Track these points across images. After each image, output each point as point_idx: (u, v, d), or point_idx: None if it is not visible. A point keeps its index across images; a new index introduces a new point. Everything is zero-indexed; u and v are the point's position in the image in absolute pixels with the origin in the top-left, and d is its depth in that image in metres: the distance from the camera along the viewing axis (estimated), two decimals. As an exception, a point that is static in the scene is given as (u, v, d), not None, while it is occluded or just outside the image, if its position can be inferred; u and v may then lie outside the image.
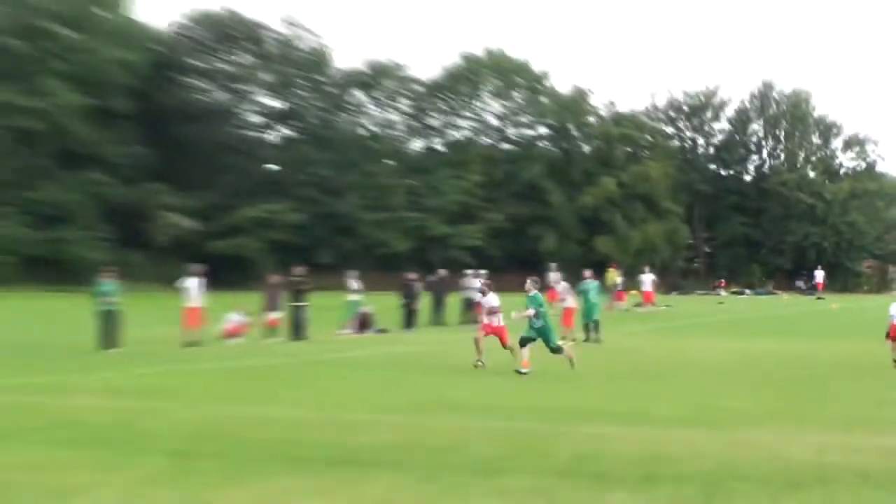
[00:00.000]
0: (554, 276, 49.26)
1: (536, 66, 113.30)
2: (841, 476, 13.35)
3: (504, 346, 28.64)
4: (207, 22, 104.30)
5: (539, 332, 27.86)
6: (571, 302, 40.58)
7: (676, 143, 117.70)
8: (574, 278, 47.15)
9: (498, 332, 29.14)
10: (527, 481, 12.97)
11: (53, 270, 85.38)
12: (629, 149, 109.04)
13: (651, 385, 24.77)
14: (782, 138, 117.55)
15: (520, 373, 26.40)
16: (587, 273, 43.43)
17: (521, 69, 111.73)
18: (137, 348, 33.62)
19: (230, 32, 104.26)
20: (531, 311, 27.62)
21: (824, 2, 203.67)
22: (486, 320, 29.71)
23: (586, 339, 39.10)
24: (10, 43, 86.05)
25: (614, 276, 64.65)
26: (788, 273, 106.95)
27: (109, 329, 34.30)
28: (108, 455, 14.52)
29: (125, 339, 34.55)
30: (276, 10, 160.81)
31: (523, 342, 27.52)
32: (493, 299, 29.88)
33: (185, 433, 16.60)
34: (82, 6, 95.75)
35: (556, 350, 28.09)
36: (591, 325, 40.12)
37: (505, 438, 16.36)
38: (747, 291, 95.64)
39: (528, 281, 28.26)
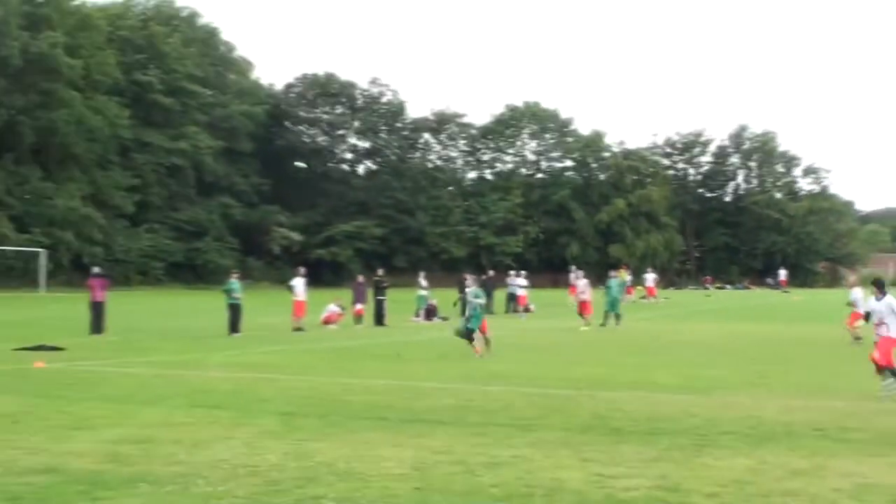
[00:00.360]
0: (573, 275, 48.72)
1: (564, 114, 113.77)
2: (803, 431, 13.18)
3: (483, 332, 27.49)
4: (311, 82, 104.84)
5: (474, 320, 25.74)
6: (588, 296, 39.71)
7: (672, 172, 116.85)
8: (594, 278, 46.95)
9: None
10: (557, 434, 12.87)
11: (192, 273, 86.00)
12: (636, 177, 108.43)
13: (653, 359, 24.58)
14: (754, 168, 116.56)
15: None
16: (612, 273, 43.20)
17: (552, 116, 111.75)
18: (255, 333, 33.64)
19: (329, 90, 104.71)
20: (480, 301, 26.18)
21: (791, 58, 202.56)
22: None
23: (602, 324, 38.76)
24: (162, 100, 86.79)
25: (624, 275, 64.37)
26: (759, 272, 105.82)
27: (234, 318, 34.33)
28: (233, 415, 14.51)
29: (246, 325, 34.58)
30: (365, 72, 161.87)
31: (468, 335, 25.45)
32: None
33: (292, 398, 16.56)
34: (217, 72, 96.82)
35: (469, 333, 25.57)
36: (611, 314, 39.76)
37: (540, 401, 16.25)
38: (728, 287, 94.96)
39: (469, 278, 27.08)
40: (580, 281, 40.05)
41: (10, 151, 76.34)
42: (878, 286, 18.52)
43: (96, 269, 36.02)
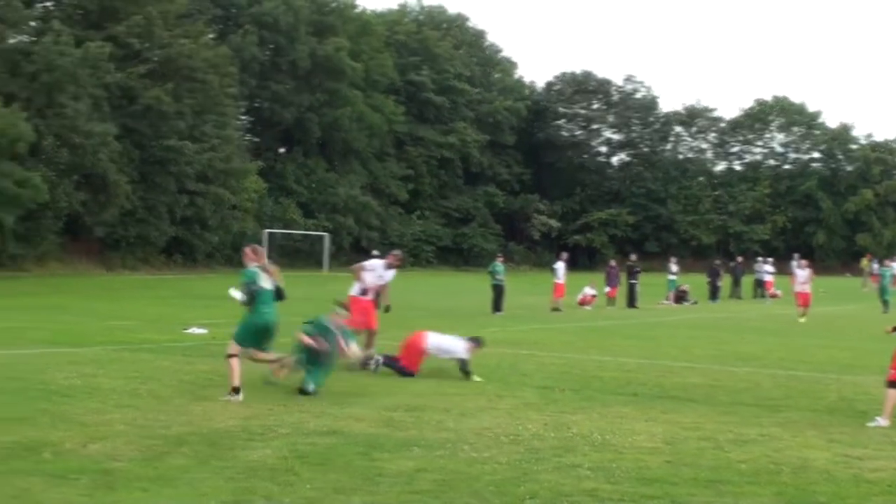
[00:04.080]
0: (795, 263, 46.20)
1: (811, 107, 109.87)
2: None
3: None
4: (569, 80, 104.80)
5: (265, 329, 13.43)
6: (808, 287, 35.33)
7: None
8: (839, 265, 45.12)
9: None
10: (804, 416, 12.53)
11: (459, 256, 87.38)
12: (883, 168, 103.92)
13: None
14: None
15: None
16: (886, 262, 41.65)
17: (800, 110, 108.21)
18: (516, 312, 33.89)
19: (586, 87, 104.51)
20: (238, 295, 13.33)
21: None
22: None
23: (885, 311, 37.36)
24: (434, 98, 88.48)
25: (868, 263, 61.92)
26: None
27: (498, 298, 34.66)
28: (496, 387, 14.68)
29: (508, 305, 34.88)
30: (619, 69, 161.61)
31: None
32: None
33: (549, 373, 16.61)
34: (484, 71, 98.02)
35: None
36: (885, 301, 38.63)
37: (786, 383, 15.82)
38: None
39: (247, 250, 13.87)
40: (802, 271, 37.20)
41: (298, 145, 79.42)
42: None
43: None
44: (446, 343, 16.18)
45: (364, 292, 17.64)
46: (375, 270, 17.87)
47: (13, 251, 51.86)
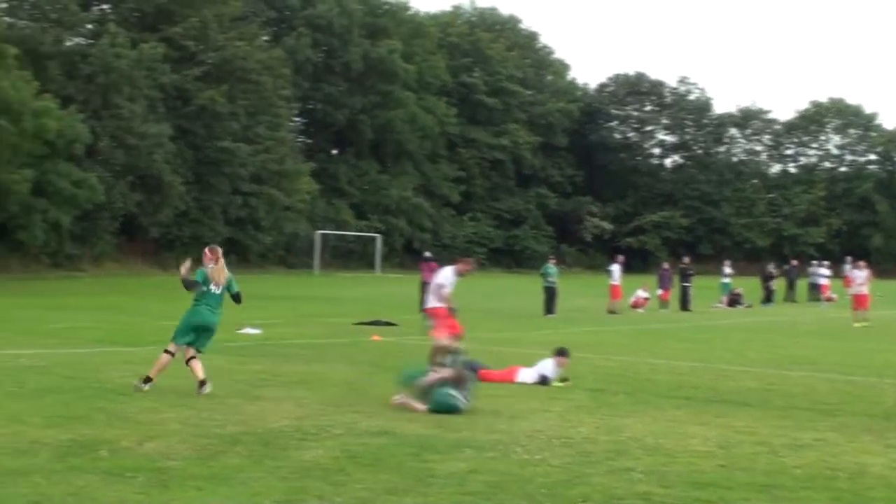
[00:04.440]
0: (849, 265, 45.49)
1: (868, 109, 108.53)
2: None
3: None
4: (623, 81, 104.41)
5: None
6: (866, 289, 33.85)
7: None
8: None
9: None
10: (860, 421, 12.37)
11: (511, 258, 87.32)
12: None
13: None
14: None
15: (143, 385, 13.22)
16: None
17: (856, 111, 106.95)
18: (568, 315, 33.80)
19: (639, 89, 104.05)
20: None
21: None
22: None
23: None
24: (486, 100, 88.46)
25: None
26: None
27: (550, 300, 34.58)
28: (548, 389, 14.66)
29: (560, 307, 34.78)
30: (673, 70, 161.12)
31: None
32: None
33: (602, 375, 16.56)
34: (536, 73, 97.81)
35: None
36: None
37: (842, 387, 15.65)
38: None
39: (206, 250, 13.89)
40: (859, 272, 34.78)
41: (351, 146, 79.77)
42: None
43: (427, 254, 37.12)
44: (537, 371, 15.79)
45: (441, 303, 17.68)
46: (449, 282, 17.90)
47: (70, 251, 52.64)
